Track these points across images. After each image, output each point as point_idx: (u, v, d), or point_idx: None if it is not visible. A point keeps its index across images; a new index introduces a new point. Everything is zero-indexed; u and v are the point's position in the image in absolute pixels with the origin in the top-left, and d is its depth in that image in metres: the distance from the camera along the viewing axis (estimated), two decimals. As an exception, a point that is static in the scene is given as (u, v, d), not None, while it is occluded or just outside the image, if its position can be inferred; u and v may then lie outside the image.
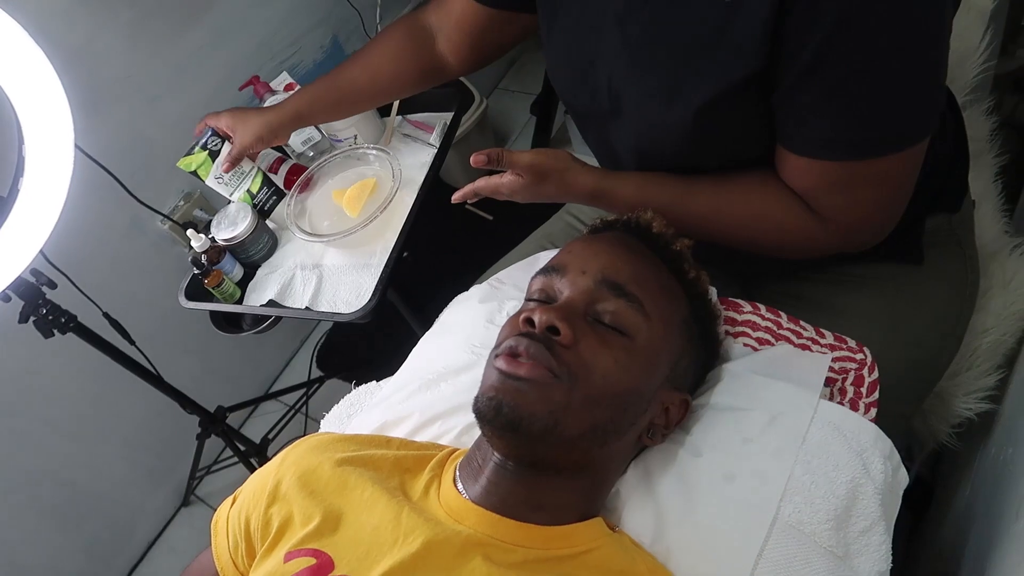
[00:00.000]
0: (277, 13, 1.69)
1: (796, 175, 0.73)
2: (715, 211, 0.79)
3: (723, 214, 0.79)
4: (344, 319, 1.09)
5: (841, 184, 0.71)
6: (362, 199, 1.17)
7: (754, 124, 0.72)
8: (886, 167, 0.69)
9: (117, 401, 1.64)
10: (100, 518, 1.73)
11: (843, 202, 0.72)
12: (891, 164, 0.68)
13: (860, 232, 0.76)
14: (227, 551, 0.72)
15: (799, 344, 0.79)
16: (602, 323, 0.65)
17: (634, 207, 0.78)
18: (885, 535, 0.65)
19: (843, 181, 0.70)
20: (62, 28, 1.31)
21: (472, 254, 1.27)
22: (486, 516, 0.62)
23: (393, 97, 1.18)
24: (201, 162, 1.27)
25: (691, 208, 0.79)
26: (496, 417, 0.60)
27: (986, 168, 1.07)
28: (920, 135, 0.67)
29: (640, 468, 0.71)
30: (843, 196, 0.72)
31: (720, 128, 0.73)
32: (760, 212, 0.77)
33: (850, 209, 0.73)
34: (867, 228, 0.76)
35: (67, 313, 1.17)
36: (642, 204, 0.78)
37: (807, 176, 0.72)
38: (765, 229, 0.78)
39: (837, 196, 0.72)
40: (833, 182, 0.71)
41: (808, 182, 0.73)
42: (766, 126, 0.71)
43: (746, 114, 0.71)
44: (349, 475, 0.68)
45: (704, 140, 0.74)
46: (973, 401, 0.94)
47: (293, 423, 1.87)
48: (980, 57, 1.01)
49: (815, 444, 0.68)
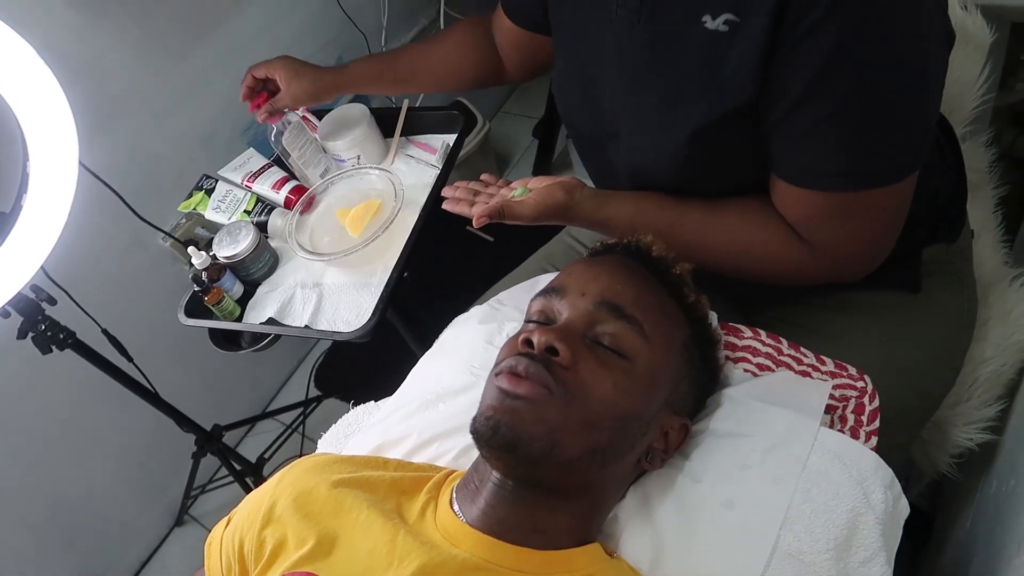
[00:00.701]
0: (284, 34, 1.71)
1: (787, 203, 0.74)
2: (704, 237, 0.80)
3: (712, 241, 0.80)
4: (343, 338, 1.09)
5: (831, 215, 0.72)
6: (365, 220, 1.18)
7: (747, 151, 0.73)
8: (876, 199, 0.70)
9: (113, 418, 1.63)
10: (92, 537, 1.71)
11: (833, 232, 0.73)
12: (881, 197, 0.69)
13: (849, 263, 0.77)
14: (220, 573, 0.71)
15: (800, 371, 0.79)
16: (601, 345, 0.65)
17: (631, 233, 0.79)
18: (886, 566, 0.64)
19: (833, 212, 0.71)
20: (71, 45, 1.32)
21: (473, 275, 1.28)
22: (483, 540, 0.62)
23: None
24: (199, 201, 1.31)
25: (682, 235, 0.80)
26: (493, 437, 0.60)
27: (986, 199, 1.08)
28: (909, 169, 0.68)
29: (639, 493, 0.70)
30: (833, 227, 0.73)
31: (713, 154, 0.74)
32: (749, 240, 0.78)
33: (840, 239, 0.74)
34: (856, 259, 0.76)
35: (66, 329, 1.17)
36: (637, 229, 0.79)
37: (798, 205, 0.73)
38: (754, 257, 0.79)
39: (827, 226, 0.73)
40: (823, 212, 0.72)
41: (799, 211, 0.74)
42: (760, 153, 0.72)
43: (738, 141, 0.72)
44: (345, 497, 0.67)
45: (697, 165, 0.76)
46: (973, 431, 0.93)
47: (290, 442, 1.86)
48: (979, 90, 1.02)
49: (815, 472, 0.67)
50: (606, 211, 0.83)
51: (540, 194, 0.81)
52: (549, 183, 0.82)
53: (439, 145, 1.34)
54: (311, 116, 1.39)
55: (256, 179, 1.30)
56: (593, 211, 0.83)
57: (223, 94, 1.61)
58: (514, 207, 0.80)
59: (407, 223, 1.18)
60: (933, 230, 0.87)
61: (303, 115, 1.39)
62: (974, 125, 1.06)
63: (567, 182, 0.82)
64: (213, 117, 1.61)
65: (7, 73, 0.86)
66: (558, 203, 0.81)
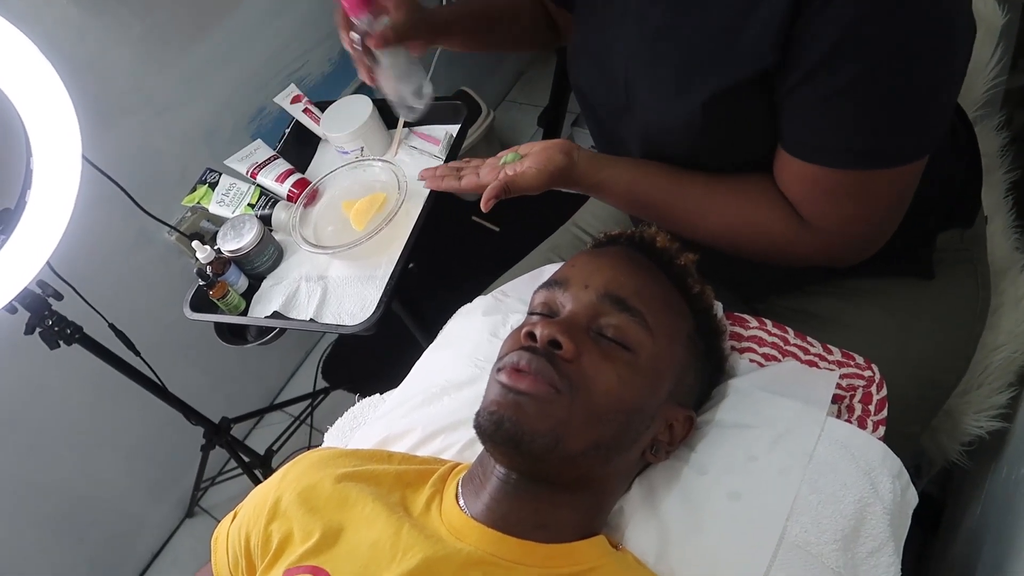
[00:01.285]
0: (286, 27, 1.71)
1: (789, 178, 0.73)
2: (700, 207, 0.78)
3: (709, 211, 0.78)
4: (348, 331, 1.09)
5: (831, 192, 0.70)
6: (370, 213, 1.17)
7: (759, 123, 0.71)
8: (880, 181, 0.68)
9: (122, 412, 1.64)
10: (104, 530, 1.73)
11: (831, 211, 0.72)
12: (885, 178, 0.68)
13: (844, 245, 0.75)
14: (227, 567, 0.71)
15: (806, 360, 0.78)
16: (605, 338, 0.65)
17: (629, 199, 0.79)
18: (894, 556, 0.63)
19: (834, 189, 0.70)
20: (74, 41, 1.32)
21: (478, 265, 1.27)
22: (487, 534, 0.62)
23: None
24: (203, 195, 1.29)
25: (679, 203, 0.79)
26: (497, 432, 0.60)
27: (997, 184, 1.06)
28: (918, 153, 0.67)
29: (644, 485, 0.70)
30: (832, 205, 0.71)
31: (726, 125, 0.72)
32: (745, 212, 0.76)
33: (837, 219, 0.72)
34: (852, 241, 0.75)
35: (73, 324, 1.18)
36: (635, 195, 0.78)
37: (799, 180, 0.72)
38: (748, 231, 0.77)
39: (825, 204, 0.71)
40: (823, 189, 0.70)
41: (800, 186, 0.72)
42: (771, 126, 0.71)
43: (752, 112, 0.70)
44: (350, 491, 0.67)
45: (709, 136, 0.74)
46: (984, 419, 0.92)
47: (298, 434, 1.86)
48: (990, 72, 1.00)
49: (822, 463, 0.67)
50: (605, 172, 0.80)
51: (538, 160, 0.78)
52: (542, 147, 0.79)
53: (442, 136, 1.33)
54: (313, 108, 1.39)
55: (261, 170, 1.30)
56: (592, 172, 0.79)
57: (226, 88, 1.61)
58: (518, 180, 0.76)
59: (411, 215, 1.18)
60: (947, 215, 0.85)
61: (306, 108, 1.39)
62: (985, 108, 1.04)
63: (562, 144, 0.79)
64: (216, 111, 1.61)
65: (9, 70, 0.86)
66: (559, 167, 0.77)
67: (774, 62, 0.64)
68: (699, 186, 0.78)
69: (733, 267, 0.83)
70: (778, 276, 0.83)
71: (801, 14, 0.61)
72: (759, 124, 0.71)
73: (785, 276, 0.83)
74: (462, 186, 0.81)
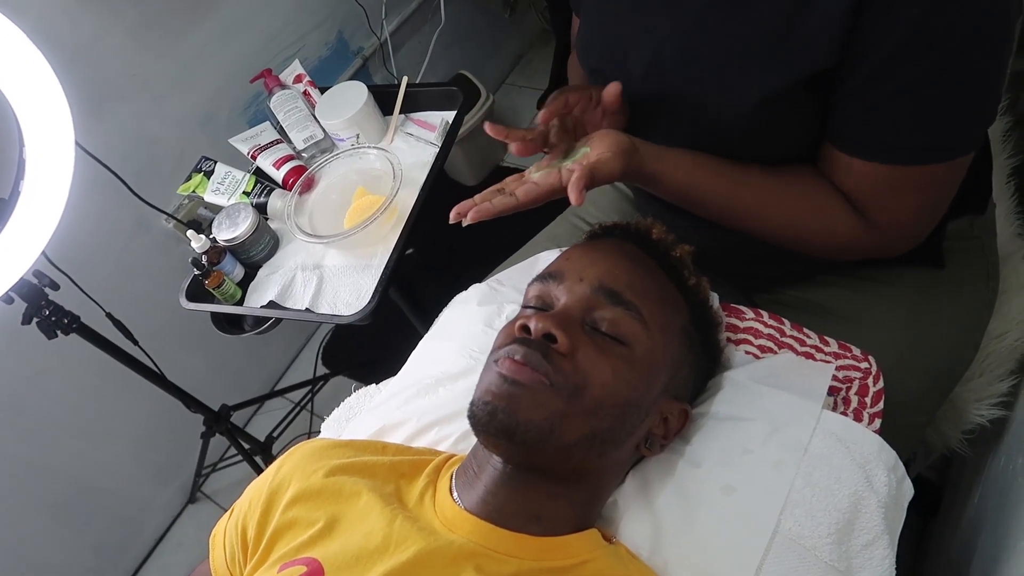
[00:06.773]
0: (282, 10, 1.69)
1: (847, 176, 0.71)
2: (763, 205, 0.75)
3: (772, 209, 0.75)
4: (344, 321, 1.08)
5: (891, 187, 0.69)
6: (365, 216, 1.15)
7: (808, 122, 0.71)
8: (938, 172, 0.68)
9: (123, 400, 1.65)
10: (108, 515, 1.74)
11: (890, 205, 0.71)
12: (943, 170, 0.68)
13: (900, 237, 0.74)
14: (223, 564, 0.72)
15: (802, 352, 0.77)
16: (599, 331, 0.64)
17: (684, 192, 0.74)
18: (888, 549, 0.63)
19: (893, 184, 0.69)
20: (66, 27, 1.30)
21: (477, 252, 1.26)
22: (480, 526, 0.62)
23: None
24: (198, 183, 1.28)
25: (742, 200, 0.75)
26: (491, 422, 0.60)
27: (1000, 169, 1.05)
28: (975, 143, 0.67)
29: (638, 478, 0.70)
30: (891, 199, 0.70)
31: (775, 123, 0.71)
32: (811, 209, 0.74)
33: (895, 212, 0.72)
34: (907, 232, 0.74)
35: (70, 314, 1.17)
36: (691, 188, 0.74)
37: (859, 177, 0.71)
38: (814, 228, 0.75)
39: (886, 199, 0.71)
40: (884, 185, 0.69)
41: (859, 183, 0.71)
42: (817, 125, 0.70)
43: (803, 111, 0.69)
44: (344, 482, 0.67)
45: (755, 134, 0.72)
46: (985, 407, 0.92)
47: (298, 420, 1.87)
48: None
49: (817, 456, 0.66)
50: (664, 161, 0.73)
51: (606, 145, 0.70)
52: (598, 136, 0.72)
53: (439, 122, 1.32)
54: (312, 90, 1.38)
55: (262, 153, 1.30)
56: (652, 157, 0.73)
57: (221, 74, 1.59)
58: (600, 166, 0.68)
59: (407, 203, 1.17)
60: (959, 202, 0.84)
61: (305, 90, 1.38)
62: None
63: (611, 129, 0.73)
64: (211, 97, 1.60)
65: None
66: (625, 148, 0.70)
67: (833, 61, 0.63)
68: (761, 181, 0.75)
69: (734, 258, 0.81)
70: (788, 267, 0.81)
71: (864, 12, 0.60)
72: (807, 122, 0.71)
73: (797, 266, 0.82)
74: (521, 200, 0.70)
